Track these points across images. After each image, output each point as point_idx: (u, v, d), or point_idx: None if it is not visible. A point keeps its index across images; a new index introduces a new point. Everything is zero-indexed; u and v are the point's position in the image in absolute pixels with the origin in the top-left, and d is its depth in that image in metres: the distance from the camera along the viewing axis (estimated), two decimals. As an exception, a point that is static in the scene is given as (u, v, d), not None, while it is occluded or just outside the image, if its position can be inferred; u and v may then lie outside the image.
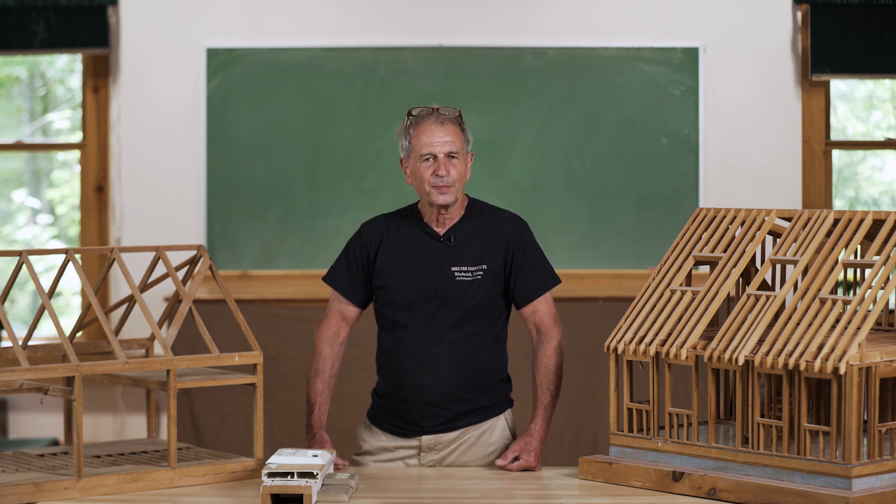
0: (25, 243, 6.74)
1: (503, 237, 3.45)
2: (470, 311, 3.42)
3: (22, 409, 6.05)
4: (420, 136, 3.39)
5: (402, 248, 3.46)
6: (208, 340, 3.26)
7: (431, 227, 3.46)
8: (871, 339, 3.10)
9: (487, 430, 3.49)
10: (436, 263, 3.43)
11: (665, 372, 3.13)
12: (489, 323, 3.46)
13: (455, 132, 3.40)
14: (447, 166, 3.38)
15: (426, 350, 3.41)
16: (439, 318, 3.41)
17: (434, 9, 5.95)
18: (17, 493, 2.98)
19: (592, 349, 5.22)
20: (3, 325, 3.86)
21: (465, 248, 3.44)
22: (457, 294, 3.41)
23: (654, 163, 5.89)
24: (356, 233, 3.54)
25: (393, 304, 3.46)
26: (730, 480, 2.96)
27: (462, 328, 3.42)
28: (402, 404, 3.46)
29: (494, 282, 3.44)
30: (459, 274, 3.42)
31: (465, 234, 3.45)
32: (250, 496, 3.05)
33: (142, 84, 5.97)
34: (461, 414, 3.46)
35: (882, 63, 5.81)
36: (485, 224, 3.47)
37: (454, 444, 3.47)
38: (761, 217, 3.28)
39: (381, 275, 3.47)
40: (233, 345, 4.69)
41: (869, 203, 6.45)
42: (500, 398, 3.52)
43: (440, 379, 3.41)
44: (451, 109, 3.43)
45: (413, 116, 3.43)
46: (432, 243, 3.45)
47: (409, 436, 3.48)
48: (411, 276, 3.43)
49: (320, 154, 5.92)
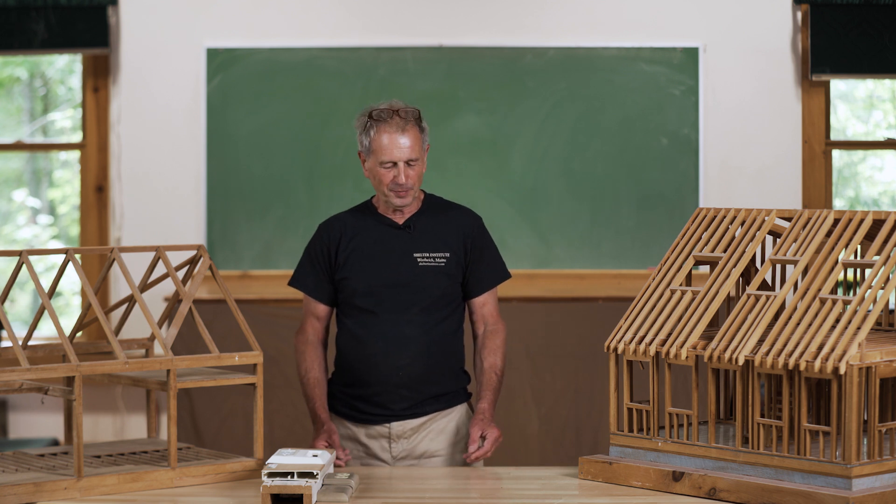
0: (26, 243, 6.74)
1: (461, 229, 3.56)
2: (437, 298, 3.51)
3: (22, 409, 6.05)
4: (381, 139, 3.48)
5: (362, 239, 3.55)
6: (208, 340, 3.26)
7: (390, 219, 3.56)
8: (871, 339, 3.10)
9: (452, 418, 3.58)
10: (397, 251, 3.52)
11: (665, 372, 3.14)
12: (452, 310, 3.56)
13: (415, 136, 3.49)
14: (407, 172, 3.48)
15: (398, 332, 3.49)
16: (407, 302, 3.50)
17: (434, 9, 5.95)
18: (17, 493, 2.98)
19: (592, 349, 5.22)
20: (3, 325, 3.86)
21: (425, 236, 3.54)
22: (422, 280, 3.50)
23: (654, 163, 5.89)
24: (315, 233, 3.62)
25: (357, 293, 3.52)
26: (730, 480, 2.96)
27: (431, 313, 3.51)
28: (371, 388, 3.52)
29: (456, 271, 3.54)
30: (422, 260, 3.52)
31: (424, 223, 3.56)
32: (250, 496, 3.05)
33: (142, 84, 5.97)
34: (429, 398, 3.54)
35: (882, 63, 5.81)
36: (442, 216, 3.58)
37: (423, 432, 3.54)
38: (761, 217, 3.28)
39: (343, 267, 3.54)
40: (233, 345, 4.69)
41: (869, 203, 6.45)
42: (462, 386, 3.63)
43: (411, 360, 3.49)
44: (411, 110, 3.51)
45: (373, 119, 3.50)
46: (393, 232, 3.54)
47: (376, 422, 3.53)
48: (374, 264, 3.52)
49: (320, 154, 5.92)
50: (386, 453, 3.54)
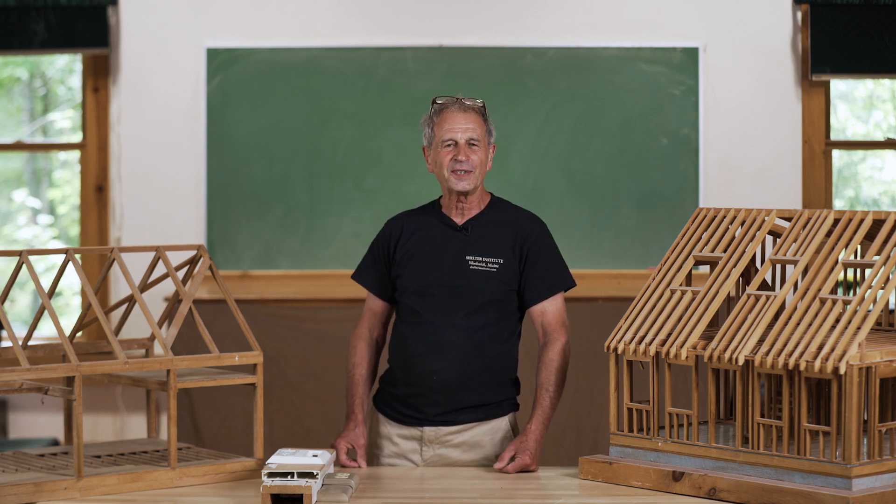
0: (26, 243, 6.74)
1: (520, 235, 3.48)
2: (484, 303, 3.44)
3: (22, 409, 6.05)
4: (443, 124, 3.45)
5: (420, 237, 3.50)
6: (208, 340, 3.26)
7: (450, 218, 3.50)
8: (871, 339, 3.10)
9: (491, 431, 3.48)
10: (451, 252, 3.46)
11: (665, 372, 3.14)
12: (502, 317, 3.47)
13: (477, 121, 3.46)
14: (467, 152, 3.43)
15: (438, 336, 3.43)
16: (452, 306, 3.43)
17: (434, 9, 5.95)
18: (17, 493, 2.98)
19: (592, 349, 5.21)
20: (3, 325, 3.86)
21: (482, 239, 3.47)
22: (470, 284, 3.43)
23: (654, 163, 5.89)
24: (381, 229, 3.59)
25: (408, 292, 3.48)
26: (730, 480, 2.96)
27: (475, 318, 3.43)
28: (407, 389, 3.47)
29: (510, 277, 3.45)
30: (474, 263, 3.45)
31: (482, 226, 3.49)
32: (250, 496, 3.05)
33: (142, 84, 5.97)
34: (465, 407, 3.45)
35: (882, 63, 5.81)
36: (503, 220, 3.51)
37: (456, 442, 3.46)
38: (761, 217, 3.28)
39: (399, 264, 3.51)
40: (233, 345, 4.69)
41: (869, 203, 6.45)
42: (507, 398, 3.52)
43: (447, 365, 3.42)
44: (474, 100, 3.49)
45: (437, 104, 3.48)
46: (450, 233, 3.49)
47: (410, 424, 3.48)
48: (426, 264, 3.47)
49: (320, 154, 5.92)
50: (416, 455, 3.48)
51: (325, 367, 5.49)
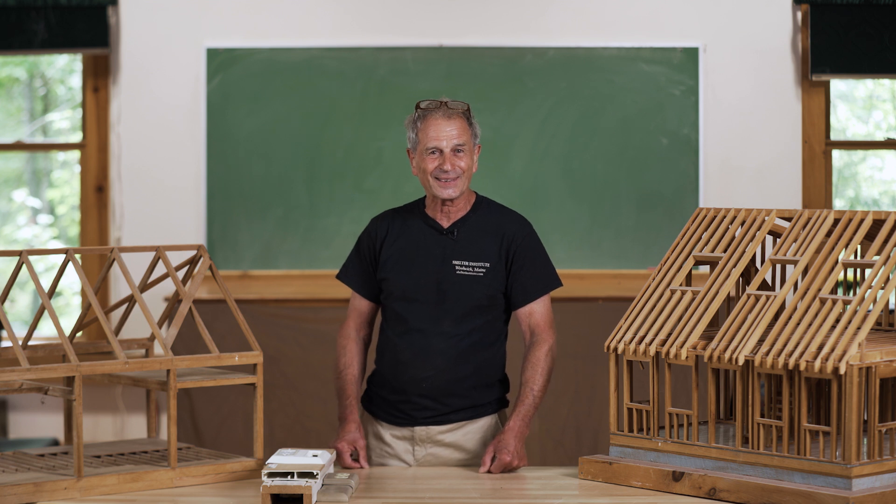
0: (25, 243, 6.74)
1: (507, 237, 3.45)
2: (471, 308, 3.42)
3: (22, 409, 6.05)
4: (427, 130, 3.41)
5: (405, 241, 3.48)
6: (208, 340, 3.26)
7: (436, 221, 3.47)
8: (871, 339, 3.10)
9: (481, 430, 3.48)
10: (437, 256, 3.44)
11: (665, 372, 3.13)
12: (490, 321, 3.46)
13: (462, 126, 3.42)
14: (453, 160, 3.39)
15: (425, 343, 3.42)
16: (440, 312, 3.42)
17: (434, 9, 5.95)
18: (17, 493, 2.98)
19: (592, 349, 5.22)
20: (3, 325, 3.86)
21: (468, 243, 3.45)
22: (457, 289, 3.41)
23: (654, 163, 5.89)
24: (366, 227, 3.56)
25: (394, 297, 3.47)
26: (730, 480, 2.96)
27: (462, 324, 3.42)
28: (396, 395, 3.47)
29: (496, 280, 3.44)
30: (461, 268, 3.43)
31: (469, 229, 3.46)
32: (250, 496, 3.05)
33: (142, 84, 5.97)
34: (455, 410, 3.45)
35: (882, 63, 5.81)
36: (490, 222, 3.47)
37: (448, 441, 3.46)
38: (761, 217, 3.28)
39: (384, 267, 3.48)
40: (233, 345, 4.69)
41: (869, 203, 6.45)
42: (496, 398, 3.52)
43: (436, 373, 3.42)
44: (459, 103, 3.45)
45: (421, 109, 3.45)
46: (435, 236, 3.46)
47: (401, 424, 3.48)
48: (413, 269, 3.45)
49: (320, 154, 5.93)
50: (409, 456, 3.48)
51: (325, 367, 5.46)
